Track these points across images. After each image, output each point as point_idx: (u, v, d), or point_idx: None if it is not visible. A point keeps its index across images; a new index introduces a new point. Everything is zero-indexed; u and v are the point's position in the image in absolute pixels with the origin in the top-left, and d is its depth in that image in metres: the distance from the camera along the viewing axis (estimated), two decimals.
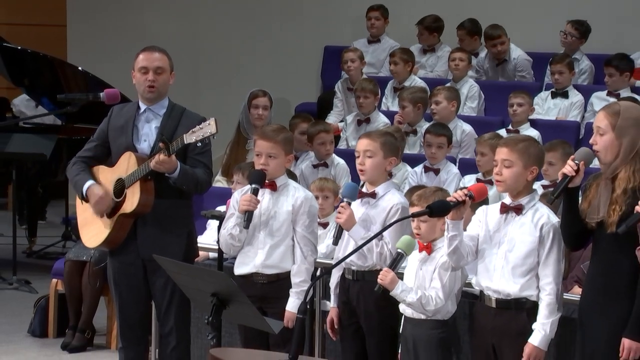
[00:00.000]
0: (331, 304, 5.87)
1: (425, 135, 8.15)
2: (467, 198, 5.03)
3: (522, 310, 5.15)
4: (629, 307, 4.81)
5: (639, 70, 9.78)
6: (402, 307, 5.47)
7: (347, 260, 5.47)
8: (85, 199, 6.02)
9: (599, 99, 9.28)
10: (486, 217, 5.29)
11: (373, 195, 5.68)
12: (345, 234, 5.62)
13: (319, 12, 11.67)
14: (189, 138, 5.66)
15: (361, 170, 5.71)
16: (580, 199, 5.10)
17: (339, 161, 8.21)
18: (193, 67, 11.97)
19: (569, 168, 4.90)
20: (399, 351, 5.54)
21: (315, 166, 8.23)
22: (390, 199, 5.66)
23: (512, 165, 5.18)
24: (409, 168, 8.08)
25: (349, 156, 7.69)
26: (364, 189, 5.72)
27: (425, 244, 5.41)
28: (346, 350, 5.82)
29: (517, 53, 10.30)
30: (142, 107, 6.01)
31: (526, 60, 10.29)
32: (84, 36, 12.87)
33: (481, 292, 5.27)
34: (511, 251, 5.17)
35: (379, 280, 5.29)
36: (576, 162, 4.90)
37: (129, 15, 12.65)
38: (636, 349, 4.77)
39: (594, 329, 4.92)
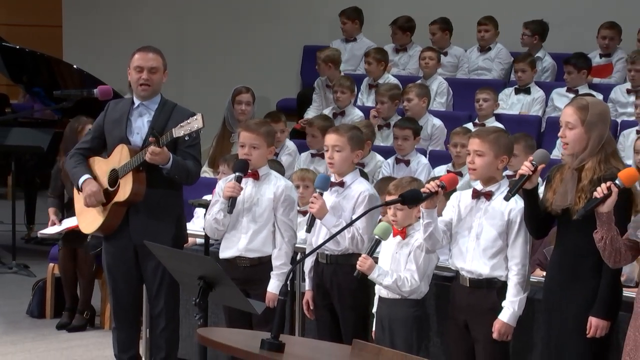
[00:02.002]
0: (306, 287, 5.89)
1: (393, 128, 8.18)
2: (440, 188, 5.06)
3: (492, 289, 5.18)
4: (594, 288, 4.83)
5: (596, 68, 9.84)
6: (378, 288, 5.48)
7: None
8: (80, 190, 6.03)
9: (559, 95, 9.32)
10: (459, 202, 5.32)
11: (341, 184, 5.72)
12: (318, 221, 5.64)
13: (298, 14, 11.67)
14: (178, 132, 5.67)
15: (330, 164, 5.74)
16: (543, 188, 5.13)
17: None
18: (181, 65, 11.94)
19: (525, 168, 4.92)
20: (374, 329, 5.56)
21: (313, 155, 8.26)
22: (358, 188, 5.70)
23: (484, 154, 5.21)
24: (380, 158, 8.09)
25: None
26: (332, 179, 5.75)
27: (400, 229, 5.43)
28: (321, 329, 5.83)
29: (500, 46, 10.36)
30: (136, 102, 6.01)
31: (507, 54, 10.33)
32: (79, 36, 12.84)
33: (457, 272, 5.30)
34: (481, 234, 5.20)
35: (357, 266, 5.30)
36: (533, 163, 4.92)
37: (121, 16, 12.61)
38: (602, 327, 4.80)
39: (561, 310, 4.93)
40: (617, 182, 4.54)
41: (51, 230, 7.90)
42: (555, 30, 10.23)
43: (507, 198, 5.04)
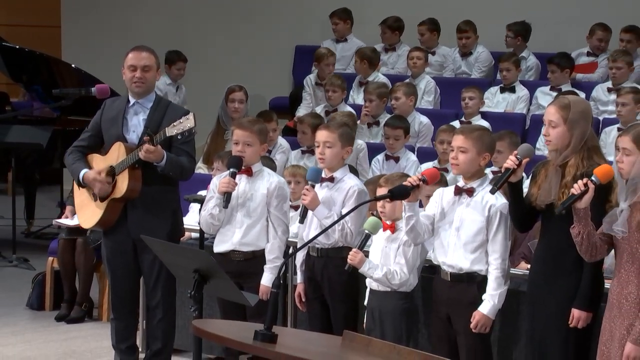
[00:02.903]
0: (298, 280, 5.90)
1: (384, 127, 8.18)
2: (421, 182, 5.07)
3: (473, 283, 5.19)
4: (576, 281, 4.85)
5: (581, 66, 9.86)
6: (368, 281, 5.49)
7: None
8: (82, 184, 6.02)
9: (543, 94, 9.33)
10: (442, 198, 5.32)
11: (331, 179, 5.73)
12: (310, 213, 5.65)
13: (289, 15, 11.66)
14: (170, 131, 5.69)
15: (321, 159, 5.75)
16: (528, 183, 5.14)
17: None
18: None
19: (510, 162, 4.93)
20: (365, 321, 5.57)
21: (303, 152, 8.29)
22: (348, 182, 5.73)
23: (467, 151, 5.21)
24: (361, 142, 8.12)
25: None
26: (322, 174, 5.76)
27: (389, 224, 5.44)
28: (313, 320, 5.85)
29: (480, 50, 10.37)
30: (132, 100, 6.00)
31: (487, 56, 10.35)
32: (77, 36, 12.81)
33: (438, 266, 5.31)
34: (462, 229, 5.20)
35: (349, 260, 5.32)
36: (518, 157, 4.93)
37: (119, 17, 12.59)
38: (584, 318, 4.82)
39: (544, 301, 4.94)
40: (593, 178, 4.56)
41: (65, 221, 7.88)
42: (539, 30, 10.23)
43: (492, 191, 5.05)
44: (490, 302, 5.12)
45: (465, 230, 5.19)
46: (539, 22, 10.24)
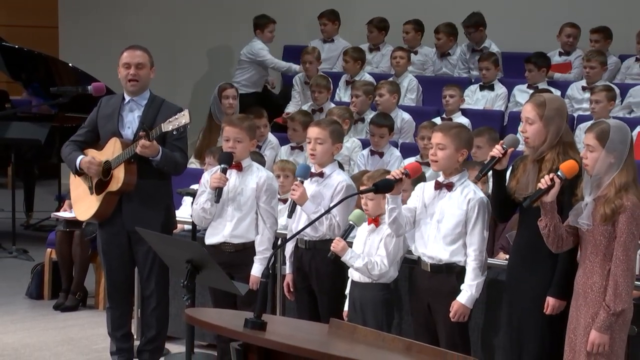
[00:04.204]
0: (287, 270, 5.89)
1: (369, 125, 8.18)
2: (404, 176, 5.07)
3: (452, 274, 5.19)
4: (551, 270, 4.86)
5: (556, 65, 9.88)
6: (351, 272, 5.49)
7: None
8: (78, 172, 6.00)
9: (521, 91, 9.34)
10: (423, 192, 5.32)
11: (321, 174, 5.72)
12: (299, 208, 5.64)
13: (279, 15, 11.63)
14: (166, 127, 5.68)
15: (312, 155, 5.74)
16: (508, 176, 5.14)
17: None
18: (171, 63, 11.90)
19: (495, 151, 4.94)
20: (346, 309, 5.56)
21: (293, 148, 8.29)
22: (337, 178, 5.71)
23: (446, 147, 5.20)
24: (352, 144, 8.12)
25: None
26: (312, 170, 5.75)
27: (373, 218, 5.44)
28: (301, 309, 5.84)
29: (459, 50, 10.41)
30: (127, 98, 5.98)
31: (465, 56, 10.37)
32: (74, 36, 12.77)
33: (419, 257, 5.30)
34: (442, 222, 5.20)
35: (332, 248, 5.32)
36: (504, 146, 4.94)
37: (115, 17, 12.55)
38: (559, 306, 4.84)
39: (521, 290, 4.95)
40: (559, 174, 4.58)
41: (63, 214, 7.86)
42: (517, 30, 10.26)
43: (477, 177, 5.06)
44: (468, 292, 5.13)
45: (445, 224, 5.19)
46: (515, 24, 10.24)
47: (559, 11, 10.42)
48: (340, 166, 6.25)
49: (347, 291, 5.56)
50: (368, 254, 5.39)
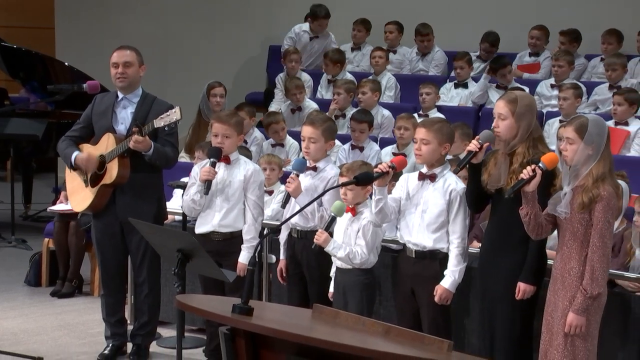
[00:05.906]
0: (281, 256, 5.89)
1: (350, 121, 8.18)
2: (390, 169, 5.07)
3: (435, 260, 5.21)
4: (522, 257, 4.88)
5: (526, 66, 9.89)
6: (334, 260, 5.50)
7: (293, 221, 5.60)
8: (73, 167, 5.98)
9: (492, 90, 9.35)
10: (407, 183, 5.34)
11: (315, 169, 5.72)
12: (292, 200, 5.63)
13: (265, 17, 11.64)
14: (158, 123, 5.67)
15: (306, 152, 5.73)
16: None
17: (292, 142, 8.29)
18: (162, 61, 11.86)
19: (472, 145, 4.95)
20: (331, 291, 5.57)
21: (273, 145, 8.30)
22: (330, 172, 5.73)
23: (429, 142, 5.22)
24: (338, 143, 8.11)
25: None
26: (307, 164, 5.75)
27: (351, 207, 5.44)
28: (292, 293, 5.84)
29: (437, 49, 10.39)
30: (120, 95, 5.97)
31: (442, 55, 10.36)
32: (70, 37, 12.72)
33: (404, 244, 5.32)
34: (426, 211, 5.22)
35: (315, 239, 5.33)
36: (480, 141, 4.95)
37: (109, 18, 12.50)
38: (529, 291, 4.85)
39: (493, 276, 4.97)
40: (540, 165, 4.59)
41: (59, 207, 7.83)
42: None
43: (455, 171, 5.09)
44: (451, 277, 5.15)
45: (428, 213, 5.21)
46: (485, 25, 10.26)
47: (528, 14, 10.44)
48: None
49: (331, 273, 5.57)
50: (348, 243, 5.39)
